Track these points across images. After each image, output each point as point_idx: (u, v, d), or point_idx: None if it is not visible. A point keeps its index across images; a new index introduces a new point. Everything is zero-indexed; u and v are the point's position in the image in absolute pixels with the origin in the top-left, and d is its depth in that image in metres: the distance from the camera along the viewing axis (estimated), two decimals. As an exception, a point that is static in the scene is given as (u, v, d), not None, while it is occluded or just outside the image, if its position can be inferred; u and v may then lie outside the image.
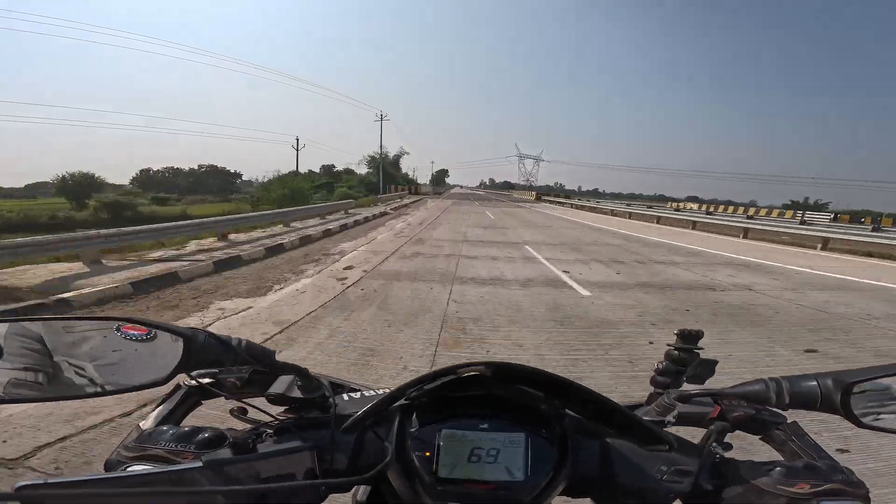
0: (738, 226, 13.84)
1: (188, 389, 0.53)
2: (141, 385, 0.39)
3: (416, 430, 0.44)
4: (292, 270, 6.04)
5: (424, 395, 0.46)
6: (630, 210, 21.91)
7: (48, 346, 0.39)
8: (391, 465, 0.43)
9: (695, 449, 0.45)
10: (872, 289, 6.14)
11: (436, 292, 4.92)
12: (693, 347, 0.55)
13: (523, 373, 0.42)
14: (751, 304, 4.89)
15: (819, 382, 0.43)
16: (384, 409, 0.46)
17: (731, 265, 7.75)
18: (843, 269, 7.81)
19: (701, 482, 0.43)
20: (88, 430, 2.03)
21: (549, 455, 0.43)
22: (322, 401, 0.47)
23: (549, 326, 3.85)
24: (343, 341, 3.32)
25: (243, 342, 0.44)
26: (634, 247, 9.94)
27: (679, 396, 0.50)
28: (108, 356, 0.40)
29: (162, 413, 0.50)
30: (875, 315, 4.65)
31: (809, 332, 3.93)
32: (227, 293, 4.77)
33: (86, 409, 2.17)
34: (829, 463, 0.41)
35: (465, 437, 0.43)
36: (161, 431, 0.43)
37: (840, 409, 0.41)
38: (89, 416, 2.12)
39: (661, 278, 6.27)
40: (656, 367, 0.57)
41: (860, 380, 0.41)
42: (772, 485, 0.39)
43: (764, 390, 0.45)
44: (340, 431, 0.44)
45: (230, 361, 0.43)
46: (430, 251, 8.02)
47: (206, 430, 0.43)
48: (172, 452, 0.41)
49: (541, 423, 0.45)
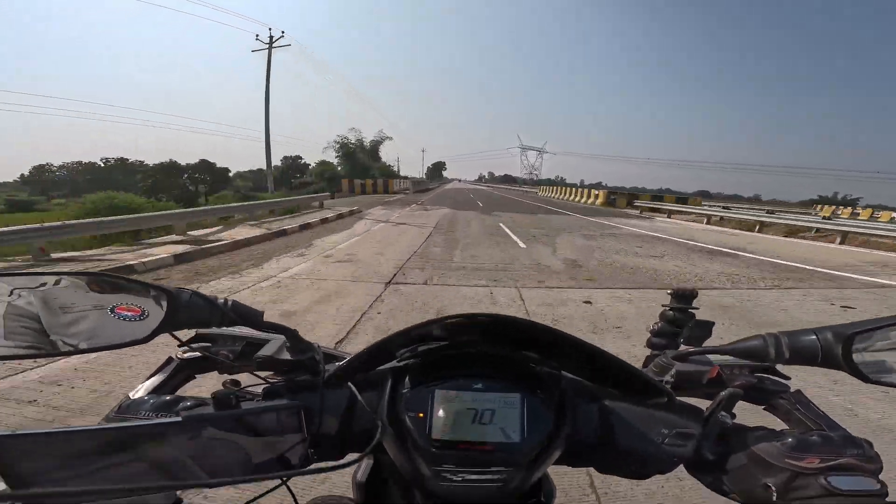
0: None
1: (180, 363, 0.52)
2: (121, 343, 0.38)
3: (409, 392, 0.43)
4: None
5: (417, 355, 0.45)
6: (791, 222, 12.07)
7: (29, 303, 0.38)
8: (385, 429, 0.42)
9: (696, 412, 0.44)
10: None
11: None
12: (688, 307, 0.54)
13: (517, 327, 0.41)
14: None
15: (818, 336, 0.40)
16: (372, 366, 0.44)
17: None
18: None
19: (704, 450, 0.41)
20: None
21: (546, 417, 0.42)
22: (312, 364, 0.46)
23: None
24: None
25: (229, 301, 0.43)
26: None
27: (676, 356, 0.49)
28: (86, 314, 0.39)
29: (152, 385, 0.49)
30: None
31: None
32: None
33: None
34: (843, 434, 0.39)
35: (460, 397, 0.42)
36: (143, 401, 0.42)
37: (842, 363, 0.38)
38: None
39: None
40: (651, 329, 0.55)
41: (861, 331, 0.38)
42: (778, 457, 0.37)
43: (762, 346, 0.43)
44: (331, 389, 0.43)
45: (216, 321, 0.42)
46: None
47: (189, 399, 0.42)
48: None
49: (537, 384, 0.44)
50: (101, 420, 0.41)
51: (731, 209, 16.48)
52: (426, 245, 7.43)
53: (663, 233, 11.08)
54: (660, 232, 11.24)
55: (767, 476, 0.37)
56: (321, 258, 6.11)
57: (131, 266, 5.22)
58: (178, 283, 4.68)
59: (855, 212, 28.39)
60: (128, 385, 2.30)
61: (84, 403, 2.15)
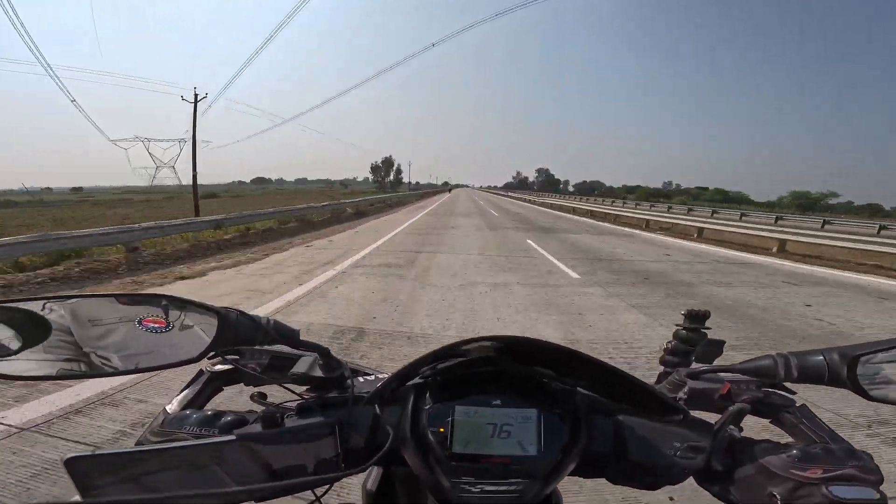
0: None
1: (210, 375, 0.55)
2: (173, 363, 0.41)
3: (430, 408, 0.45)
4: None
5: (438, 373, 0.47)
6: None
7: (78, 329, 0.40)
8: (406, 443, 0.44)
9: (706, 426, 0.46)
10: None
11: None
12: (700, 327, 0.56)
13: (535, 347, 0.43)
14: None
15: (825, 357, 0.43)
16: (400, 386, 0.47)
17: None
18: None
19: (714, 462, 0.43)
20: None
21: (562, 431, 0.44)
22: (341, 380, 0.49)
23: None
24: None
25: (271, 321, 0.46)
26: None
27: (689, 373, 0.51)
28: (137, 337, 0.41)
29: (186, 398, 0.52)
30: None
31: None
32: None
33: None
34: (845, 447, 0.41)
35: (479, 413, 0.44)
36: (185, 416, 0.45)
37: (847, 382, 0.41)
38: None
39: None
40: (665, 347, 0.58)
41: (865, 353, 0.41)
42: (784, 468, 0.39)
43: (772, 366, 0.46)
44: (360, 406, 0.46)
45: (259, 340, 0.45)
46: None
47: (229, 414, 0.45)
48: (198, 436, 0.42)
49: (553, 400, 0.46)
50: (144, 432, 0.44)
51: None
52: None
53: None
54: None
55: (773, 486, 0.39)
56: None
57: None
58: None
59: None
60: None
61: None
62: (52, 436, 1.97)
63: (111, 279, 5.53)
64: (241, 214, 10.94)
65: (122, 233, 6.91)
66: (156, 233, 7.57)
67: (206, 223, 9.37)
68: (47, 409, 2.18)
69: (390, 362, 2.88)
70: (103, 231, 6.79)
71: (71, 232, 6.48)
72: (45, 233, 6.16)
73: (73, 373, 0.40)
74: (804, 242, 9.31)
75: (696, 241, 11.09)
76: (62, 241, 6.08)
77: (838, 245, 8.70)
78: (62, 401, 2.26)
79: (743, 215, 24.04)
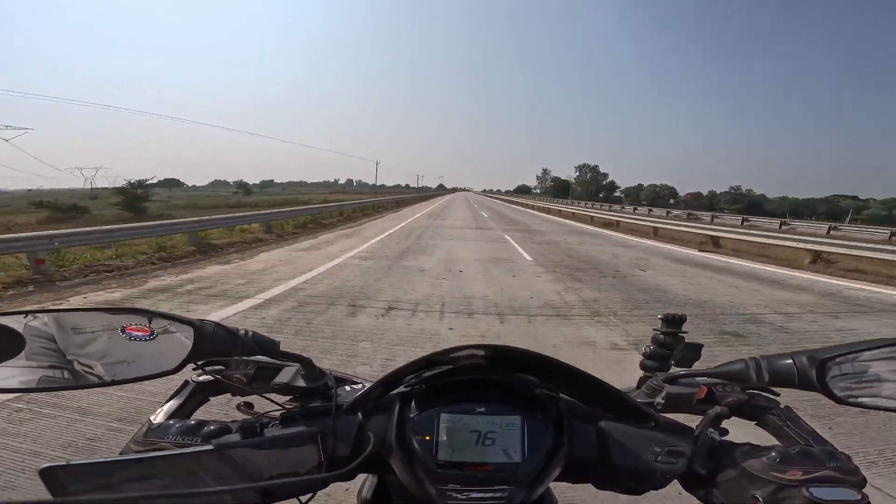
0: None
1: (196, 385, 0.54)
2: (152, 374, 0.41)
3: (416, 416, 0.46)
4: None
5: (423, 381, 0.47)
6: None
7: (61, 340, 0.41)
8: (393, 451, 0.44)
9: (687, 431, 0.46)
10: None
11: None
12: (678, 331, 0.57)
13: (518, 356, 0.43)
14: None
15: (795, 360, 0.44)
16: (383, 395, 0.47)
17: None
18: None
19: (696, 466, 0.44)
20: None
21: (545, 437, 0.45)
22: (325, 390, 0.49)
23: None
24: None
25: (250, 332, 0.46)
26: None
27: (666, 378, 0.51)
28: (119, 347, 0.42)
29: (171, 408, 0.51)
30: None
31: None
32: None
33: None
34: (825, 448, 0.42)
35: (463, 421, 0.44)
36: (168, 426, 0.45)
37: (817, 385, 0.42)
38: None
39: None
40: (644, 351, 0.58)
41: (833, 356, 0.42)
42: (764, 471, 0.40)
43: (744, 369, 0.47)
44: (343, 415, 0.46)
45: (237, 351, 0.45)
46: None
47: (212, 423, 0.45)
48: (180, 445, 0.42)
49: (536, 407, 0.47)
50: (128, 442, 0.44)
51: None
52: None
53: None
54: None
55: (755, 489, 0.40)
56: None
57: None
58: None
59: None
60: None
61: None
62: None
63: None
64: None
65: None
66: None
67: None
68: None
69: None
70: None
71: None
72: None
73: (55, 384, 0.40)
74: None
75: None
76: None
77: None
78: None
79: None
